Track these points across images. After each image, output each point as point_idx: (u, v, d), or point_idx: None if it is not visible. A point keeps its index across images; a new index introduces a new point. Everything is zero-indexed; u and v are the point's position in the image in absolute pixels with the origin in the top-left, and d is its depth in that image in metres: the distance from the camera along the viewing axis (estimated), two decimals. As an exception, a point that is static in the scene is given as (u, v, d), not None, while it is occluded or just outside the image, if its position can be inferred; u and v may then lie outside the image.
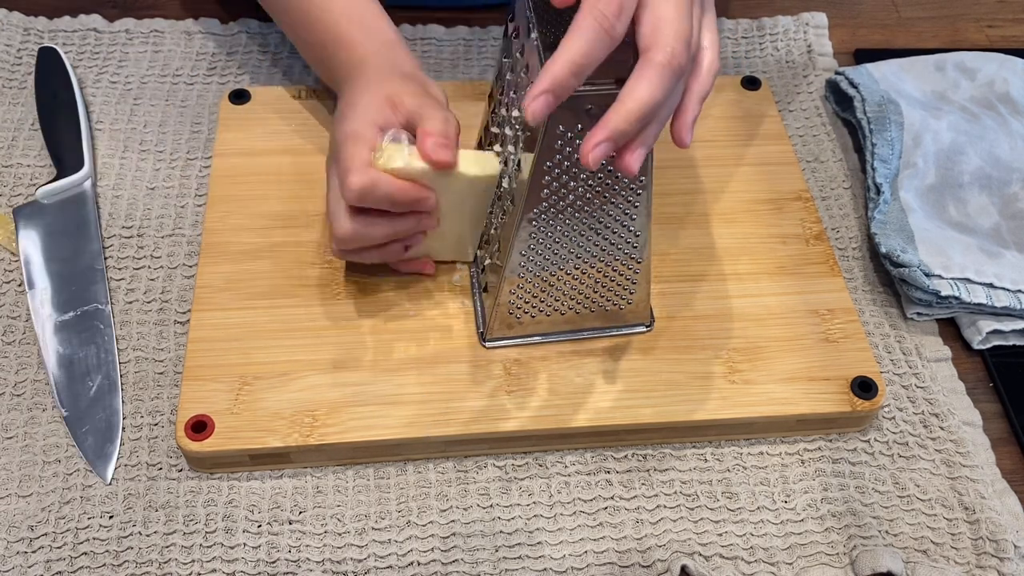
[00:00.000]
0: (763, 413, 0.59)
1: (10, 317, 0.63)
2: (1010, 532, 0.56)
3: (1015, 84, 0.77)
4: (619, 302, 0.60)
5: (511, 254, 0.55)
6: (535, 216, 0.53)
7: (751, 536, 0.56)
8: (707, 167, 0.71)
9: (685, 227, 0.68)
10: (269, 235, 0.65)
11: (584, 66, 0.44)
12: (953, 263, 0.65)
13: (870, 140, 0.73)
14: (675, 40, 0.44)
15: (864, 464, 0.59)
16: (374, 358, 0.59)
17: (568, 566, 0.54)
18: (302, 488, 0.57)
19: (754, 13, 0.86)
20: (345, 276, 0.63)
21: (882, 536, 0.56)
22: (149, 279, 0.65)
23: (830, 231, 0.71)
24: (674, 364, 0.60)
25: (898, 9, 0.89)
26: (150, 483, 0.56)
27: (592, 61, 0.44)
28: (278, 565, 0.54)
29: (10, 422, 0.58)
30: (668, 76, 0.45)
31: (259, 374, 0.58)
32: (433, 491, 0.57)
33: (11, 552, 0.53)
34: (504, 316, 0.59)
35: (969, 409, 0.62)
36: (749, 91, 0.77)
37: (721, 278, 0.65)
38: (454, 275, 0.63)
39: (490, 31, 0.82)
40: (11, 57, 0.77)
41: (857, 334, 0.62)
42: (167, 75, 0.77)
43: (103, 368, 0.60)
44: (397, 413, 0.57)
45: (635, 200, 0.54)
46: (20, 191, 0.69)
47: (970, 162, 0.71)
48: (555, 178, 0.51)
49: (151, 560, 0.53)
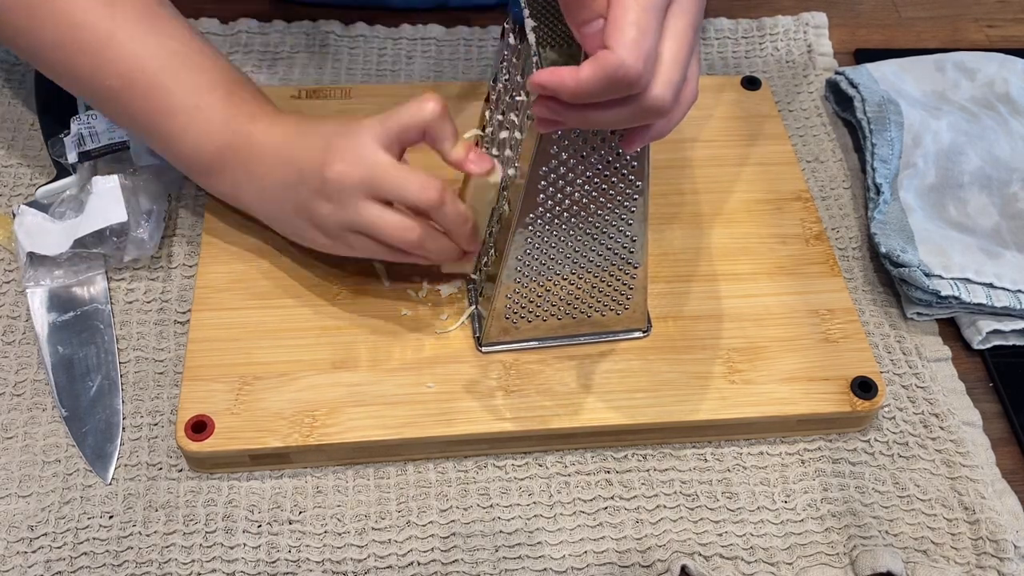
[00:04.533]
0: (763, 413, 0.59)
1: (10, 317, 0.63)
2: (1010, 532, 0.56)
3: (1015, 84, 0.77)
4: (616, 308, 0.60)
5: (507, 260, 0.55)
6: (531, 222, 0.53)
7: (751, 536, 0.56)
8: (707, 167, 0.71)
9: (685, 227, 0.68)
10: (269, 235, 0.65)
11: (587, 99, 0.43)
12: (953, 263, 0.65)
13: (870, 140, 0.73)
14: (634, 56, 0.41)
15: (864, 464, 0.59)
16: (374, 358, 0.59)
17: (568, 566, 0.54)
18: (302, 488, 0.57)
19: (754, 13, 0.86)
20: (345, 277, 0.63)
21: (882, 536, 0.56)
22: (149, 279, 0.65)
23: (830, 231, 0.71)
24: (674, 364, 0.60)
25: (898, 9, 0.89)
26: (150, 483, 0.56)
27: (598, 98, 0.43)
28: (278, 565, 0.54)
29: (10, 422, 0.58)
30: (611, 82, 0.41)
31: (259, 374, 0.58)
32: (433, 491, 0.57)
33: (11, 552, 0.53)
34: (500, 322, 0.59)
35: (969, 409, 0.62)
36: (749, 91, 0.77)
37: (721, 278, 0.65)
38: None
39: (490, 31, 0.82)
40: (11, 57, 0.77)
41: (857, 334, 0.62)
42: (167, 75, 0.77)
43: (103, 368, 0.60)
44: (397, 413, 0.57)
45: (632, 205, 0.54)
46: (20, 191, 0.69)
47: (970, 162, 0.71)
48: (551, 183, 0.51)
49: (151, 560, 0.53)
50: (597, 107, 0.43)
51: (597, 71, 0.41)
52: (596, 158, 0.51)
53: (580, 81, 0.41)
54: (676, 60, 0.43)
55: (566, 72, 0.41)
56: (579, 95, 0.42)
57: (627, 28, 0.40)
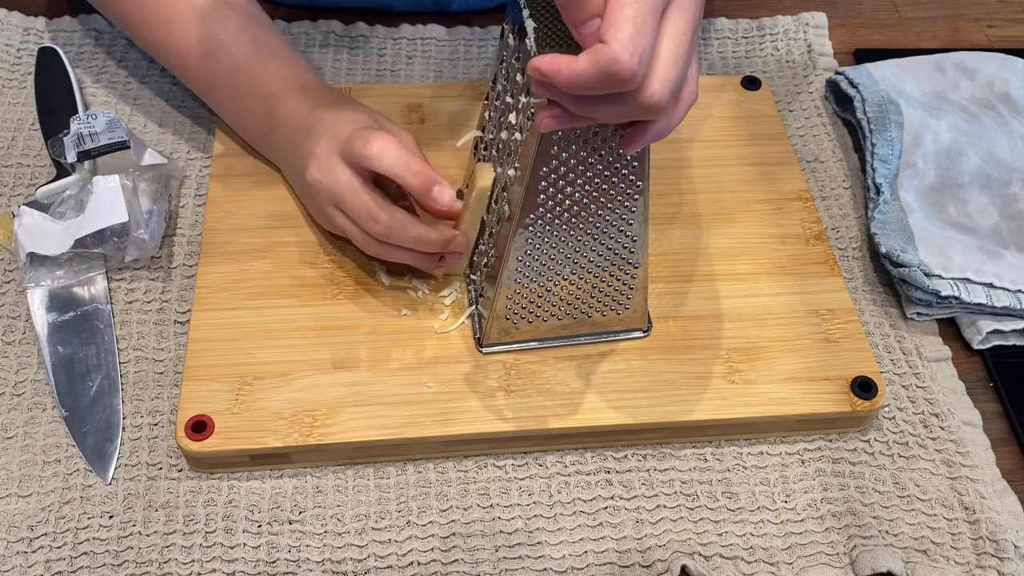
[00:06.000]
0: (763, 413, 0.59)
1: (10, 317, 0.63)
2: (1010, 532, 0.56)
3: (1015, 84, 0.77)
4: (616, 308, 0.60)
5: (508, 261, 0.55)
6: (531, 222, 0.53)
7: (751, 536, 0.56)
8: (707, 167, 0.71)
9: (685, 227, 0.68)
10: (269, 235, 0.65)
11: (582, 91, 0.43)
12: (953, 263, 0.65)
13: (870, 140, 0.73)
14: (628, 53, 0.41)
15: (864, 464, 0.59)
16: (374, 358, 0.59)
17: (568, 566, 0.54)
18: (302, 488, 0.57)
19: (754, 13, 0.86)
20: (345, 277, 0.63)
21: (882, 536, 0.56)
22: (149, 279, 0.65)
23: (830, 231, 0.71)
24: (674, 364, 0.60)
25: (898, 9, 0.89)
26: (150, 483, 0.56)
27: (592, 92, 0.43)
28: (278, 565, 0.54)
29: (10, 422, 0.58)
30: (604, 77, 0.42)
31: (259, 374, 0.58)
32: (433, 491, 0.57)
33: (11, 552, 0.53)
34: (501, 323, 0.59)
35: (969, 409, 0.62)
36: (749, 91, 0.77)
37: (721, 278, 0.65)
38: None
39: (490, 31, 0.82)
40: (11, 57, 0.77)
41: (857, 334, 0.62)
42: (167, 75, 0.77)
43: (103, 368, 0.60)
44: (397, 413, 0.57)
45: (632, 206, 0.54)
46: (20, 191, 0.69)
47: (970, 162, 0.71)
48: (551, 184, 0.51)
49: (151, 560, 0.53)
50: (593, 100, 0.43)
51: (591, 64, 0.41)
52: (596, 158, 0.51)
53: (576, 72, 0.41)
54: (674, 59, 0.43)
55: (564, 61, 0.41)
56: (574, 86, 0.42)
57: (623, 25, 0.41)
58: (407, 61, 0.80)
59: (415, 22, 0.82)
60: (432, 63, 0.80)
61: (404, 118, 0.72)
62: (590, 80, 0.41)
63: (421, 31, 0.81)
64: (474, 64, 0.80)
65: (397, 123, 0.63)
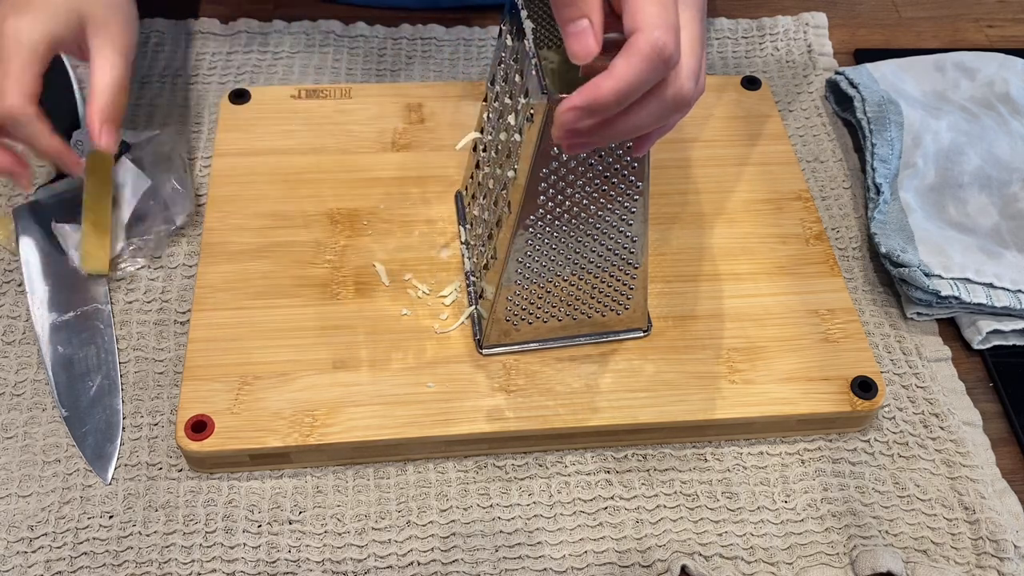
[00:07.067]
0: (763, 413, 0.59)
1: (10, 317, 0.63)
2: (1010, 532, 0.56)
3: (1015, 84, 0.77)
4: (616, 308, 0.60)
5: (508, 262, 0.55)
6: (531, 223, 0.53)
7: (751, 536, 0.56)
8: (707, 167, 0.71)
9: (685, 227, 0.68)
10: (269, 235, 0.65)
11: (631, 95, 0.40)
12: (953, 263, 0.65)
13: (870, 140, 0.73)
14: (662, 29, 0.39)
15: (864, 464, 0.59)
16: (374, 358, 0.59)
17: (568, 566, 0.54)
18: (302, 488, 0.57)
19: (754, 13, 0.86)
20: (345, 277, 0.63)
21: (882, 536, 0.56)
22: (149, 279, 0.65)
23: (830, 231, 0.71)
24: (674, 364, 0.60)
25: (898, 9, 0.89)
26: (150, 483, 0.56)
27: (640, 90, 0.41)
28: (278, 565, 0.54)
29: (10, 422, 0.58)
30: (651, 62, 0.40)
31: (259, 374, 0.58)
32: (433, 491, 0.57)
33: (11, 552, 0.53)
34: (501, 325, 0.59)
35: (969, 409, 0.62)
36: (749, 91, 0.77)
37: (721, 278, 0.65)
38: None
39: (490, 31, 0.82)
40: (11, 57, 0.77)
41: (857, 334, 0.62)
42: (167, 75, 0.77)
43: (103, 368, 0.60)
44: (397, 413, 0.57)
45: (632, 206, 0.54)
46: (20, 191, 0.69)
47: (970, 162, 0.71)
48: (551, 184, 0.51)
49: (151, 560, 0.53)
50: (628, 112, 0.41)
51: (633, 58, 0.38)
52: (596, 159, 0.51)
53: (619, 78, 0.39)
54: (691, 48, 0.42)
55: (598, 81, 0.39)
56: (622, 93, 0.39)
57: (647, 7, 0.39)
58: (407, 61, 0.80)
59: (415, 22, 0.82)
60: (432, 63, 0.80)
61: (404, 118, 0.72)
62: (637, 76, 0.39)
63: (421, 31, 0.81)
64: (474, 64, 0.80)
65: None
